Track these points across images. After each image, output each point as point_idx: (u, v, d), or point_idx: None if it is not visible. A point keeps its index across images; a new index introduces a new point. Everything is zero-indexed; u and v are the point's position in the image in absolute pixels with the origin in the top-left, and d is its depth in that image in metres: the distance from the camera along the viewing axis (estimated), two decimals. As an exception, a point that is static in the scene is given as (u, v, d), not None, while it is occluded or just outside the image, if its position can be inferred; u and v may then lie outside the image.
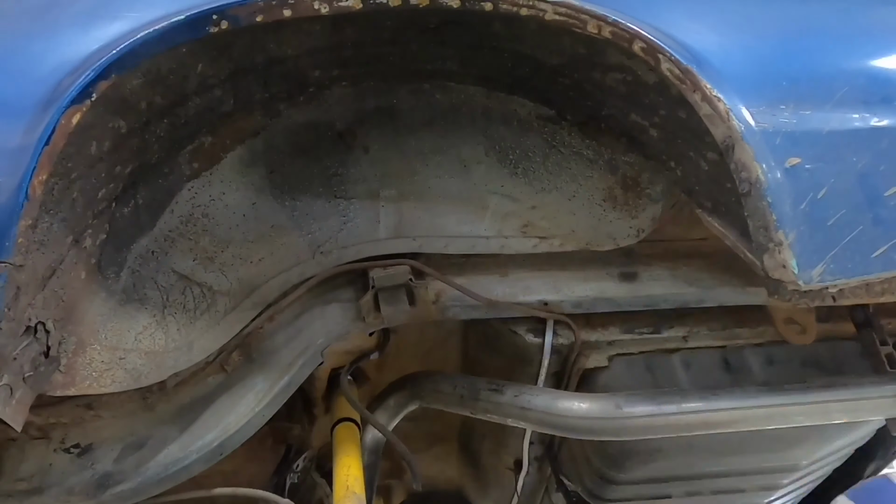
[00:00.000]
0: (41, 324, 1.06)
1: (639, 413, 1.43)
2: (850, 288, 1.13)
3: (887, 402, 1.43)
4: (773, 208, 1.03)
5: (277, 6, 1.03)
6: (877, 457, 2.02)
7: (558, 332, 1.58)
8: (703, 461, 1.73)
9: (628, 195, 1.47)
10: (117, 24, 1.01)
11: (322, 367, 1.55)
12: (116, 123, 1.11)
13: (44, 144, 0.94)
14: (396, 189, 1.47)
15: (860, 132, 1.08)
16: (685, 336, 1.64)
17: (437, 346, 1.95)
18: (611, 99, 1.31)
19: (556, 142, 1.45)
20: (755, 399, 1.43)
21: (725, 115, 1.04)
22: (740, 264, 1.21)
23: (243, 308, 1.41)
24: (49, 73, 0.99)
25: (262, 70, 1.26)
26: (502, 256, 1.52)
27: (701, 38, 1.09)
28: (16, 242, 0.93)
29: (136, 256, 1.32)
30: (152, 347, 1.30)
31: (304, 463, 1.85)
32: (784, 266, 1.05)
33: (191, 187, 1.37)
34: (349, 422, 1.69)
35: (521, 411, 1.51)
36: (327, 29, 1.20)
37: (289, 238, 1.44)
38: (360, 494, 1.47)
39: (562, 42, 1.21)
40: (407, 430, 1.87)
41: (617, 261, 1.57)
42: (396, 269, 1.44)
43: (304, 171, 1.43)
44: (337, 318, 1.48)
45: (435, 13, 1.16)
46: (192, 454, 1.33)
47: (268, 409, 1.40)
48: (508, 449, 1.99)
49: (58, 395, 1.15)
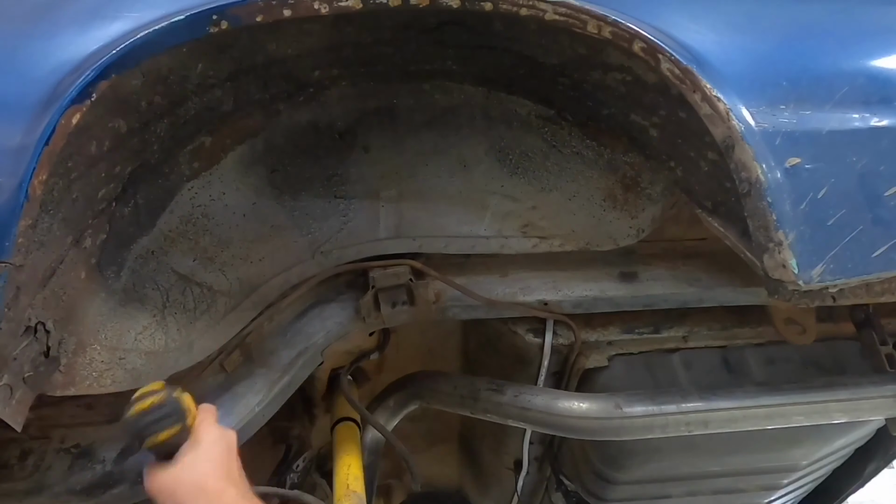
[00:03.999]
0: (41, 324, 1.06)
1: (639, 413, 1.43)
2: (850, 288, 1.13)
3: (887, 402, 1.44)
4: (773, 208, 1.03)
5: (277, 6, 1.03)
6: (877, 457, 2.02)
7: (558, 332, 1.58)
8: (703, 461, 1.73)
9: (628, 195, 1.47)
10: (117, 24, 1.01)
11: (322, 367, 1.55)
12: (116, 123, 1.11)
13: (44, 144, 0.94)
14: (396, 189, 1.47)
15: (860, 132, 1.08)
16: (685, 336, 1.64)
17: (437, 346, 1.95)
18: (611, 99, 1.31)
19: (556, 142, 1.45)
20: (755, 399, 1.43)
21: (725, 115, 1.04)
22: (740, 264, 1.21)
23: (243, 308, 1.41)
24: (49, 73, 0.99)
25: (261, 70, 1.26)
26: (502, 256, 1.52)
27: (701, 38, 1.09)
28: (16, 242, 0.93)
29: (136, 256, 1.32)
30: (152, 347, 1.30)
31: (304, 463, 1.85)
32: (784, 266, 1.05)
33: (191, 187, 1.37)
34: (349, 422, 1.69)
35: (521, 411, 1.51)
36: (327, 29, 1.20)
37: (289, 238, 1.43)
38: (360, 494, 1.47)
39: (562, 42, 1.21)
40: (407, 430, 1.87)
41: (617, 261, 1.57)
42: (396, 269, 1.44)
43: (304, 171, 1.43)
44: (337, 318, 1.48)
45: (435, 13, 1.16)
46: (192, 454, 1.33)
47: (268, 409, 1.40)
48: (508, 449, 1.99)
49: (58, 395, 1.15)
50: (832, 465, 1.96)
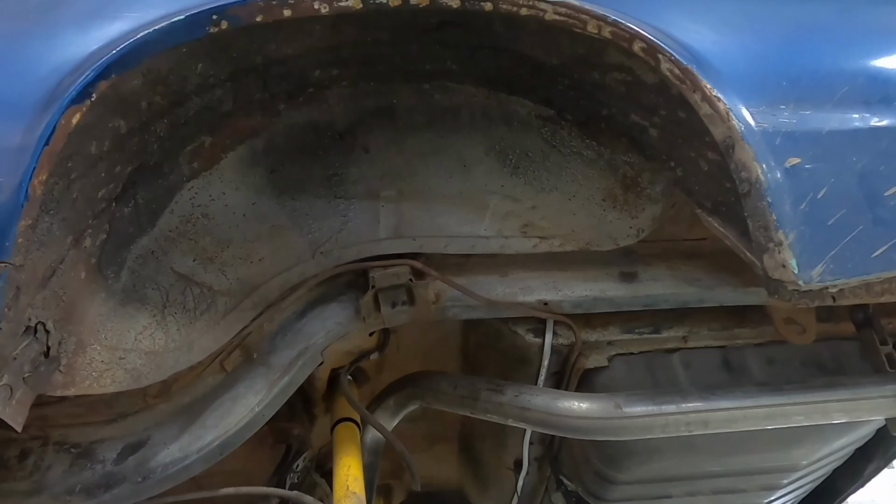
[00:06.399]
0: (41, 324, 1.06)
1: (639, 413, 1.43)
2: (850, 288, 1.13)
3: (887, 402, 1.43)
4: (773, 208, 1.03)
5: (277, 6, 1.03)
6: (877, 457, 2.02)
7: (558, 332, 1.58)
8: (703, 461, 1.73)
9: (628, 195, 1.47)
10: (117, 24, 1.01)
11: (322, 367, 1.55)
12: (116, 123, 1.11)
13: (44, 144, 0.94)
14: (396, 189, 1.47)
15: (860, 132, 1.08)
16: (685, 336, 1.64)
17: (437, 346, 1.95)
18: (611, 99, 1.31)
19: (556, 142, 1.45)
20: (755, 399, 1.43)
21: (725, 115, 1.04)
22: (740, 264, 1.21)
23: (243, 308, 1.41)
24: (49, 73, 0.99)
25: (261, 70, 1.26)
26: (502, 256, 1.52)
27: (701, 38, 1.09)
28: (16, 242, 0.93)
29: (136, 256, 1.32)
30: (152, 347, 1.30)
31: (304, 463, 1.85)
32: (784, 266, 1.05)
33: (191, 187, 1.37)
34: (349, 422, 1.69)
35: (521, 411, 1.51)
36: (327, 29, 1.20)
37: (289, 238, 1.43)
38: (360, 494, 1.47)
39: (562, 42, 1.21)
40: (407, 430, 1.87)
41: (617, 261, 1.57)
42: (396, 269, 1.44)
43: (304, 171, 1.43)
44: (337, 318, 1.48)
45: (435, 13, 1.16)
46: (192, 454, 1.33)
47: (268, 409, 1.40)
48: (508, 449, 1.99)
49: (58, 395, 1.15)
50: (832, 465, 1.96)
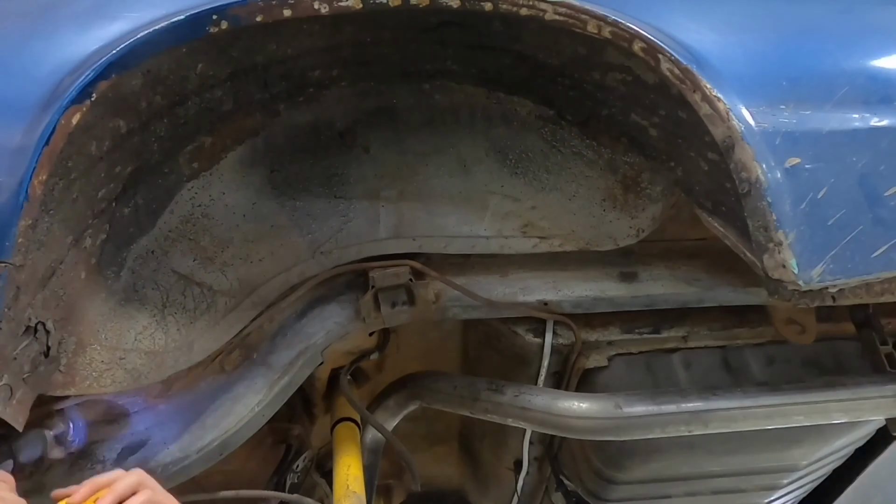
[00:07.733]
0: (41, 324, 1.06)
1: (639, 413, 1.43)
2: (850, 288, 1.13)
3: (887, 402, 1.43)
4: (773, 208, 1.03)
5: (277, 6, 1.03)
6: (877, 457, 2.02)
7: (558, 332, 1.58)
8: (703, 461, 1.73)
9: (628, 195, 1.47)
10: (117, 24, 1.01)
11: (322, 367, 1.55)
12: (116, 123, 1.11)
13: (44, 144, 0.94)
14: (396, 189, 1.47)
15: (860, 132, 1.08)
16: (685, 336, 1.64)
17: (437, 346, 1.95)
18: (611, 99, 1.31)
19: (556, 142, 1.45)
20: (755, 399, 1.43)
21: (725, 114, 1.04)
22: (740, 264, 1.21)
23: (243, 308, 1.41)
24: (49, 73, 0.99)
25: (262, 70, 1.26)
26: (502, 256, 1.52)
27: (701, 38, 1.09)
28: (16, 242, 0.93)
29: (136, 256, 1.32)
30: (152, 347, 1.30)
31: (304, 463, 1.85)
32: (784, 266, 1.05)
33: (191, 187, 1.37)
34: (349, 422, 1.69)
35: (521, 411, 1.51)
36: (327, 29, 1.20)
37: (289, 238, 1.44)
38: (360, 494, 1.47)
39: (562, 42, 1.21)
40: (407, 430, 1.87)
41: (617, 261, 1.57)
42: (396, 269, 1.44)
43: (304, 171, 1.43)
44: (337, 319, 1.48)
45: (435, 13, 1.16)
46: (192, 454, 1.33)
47: (268, 409, 1.40)
48: (508, 449, 1.99)
49: (58, 395, 1.15)
50: (832, 465, 1.96)
